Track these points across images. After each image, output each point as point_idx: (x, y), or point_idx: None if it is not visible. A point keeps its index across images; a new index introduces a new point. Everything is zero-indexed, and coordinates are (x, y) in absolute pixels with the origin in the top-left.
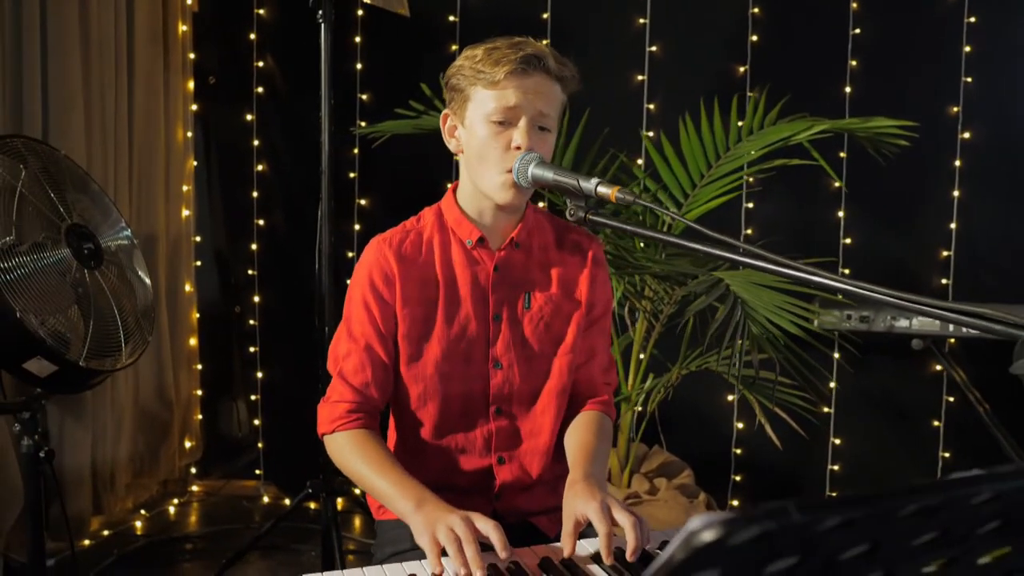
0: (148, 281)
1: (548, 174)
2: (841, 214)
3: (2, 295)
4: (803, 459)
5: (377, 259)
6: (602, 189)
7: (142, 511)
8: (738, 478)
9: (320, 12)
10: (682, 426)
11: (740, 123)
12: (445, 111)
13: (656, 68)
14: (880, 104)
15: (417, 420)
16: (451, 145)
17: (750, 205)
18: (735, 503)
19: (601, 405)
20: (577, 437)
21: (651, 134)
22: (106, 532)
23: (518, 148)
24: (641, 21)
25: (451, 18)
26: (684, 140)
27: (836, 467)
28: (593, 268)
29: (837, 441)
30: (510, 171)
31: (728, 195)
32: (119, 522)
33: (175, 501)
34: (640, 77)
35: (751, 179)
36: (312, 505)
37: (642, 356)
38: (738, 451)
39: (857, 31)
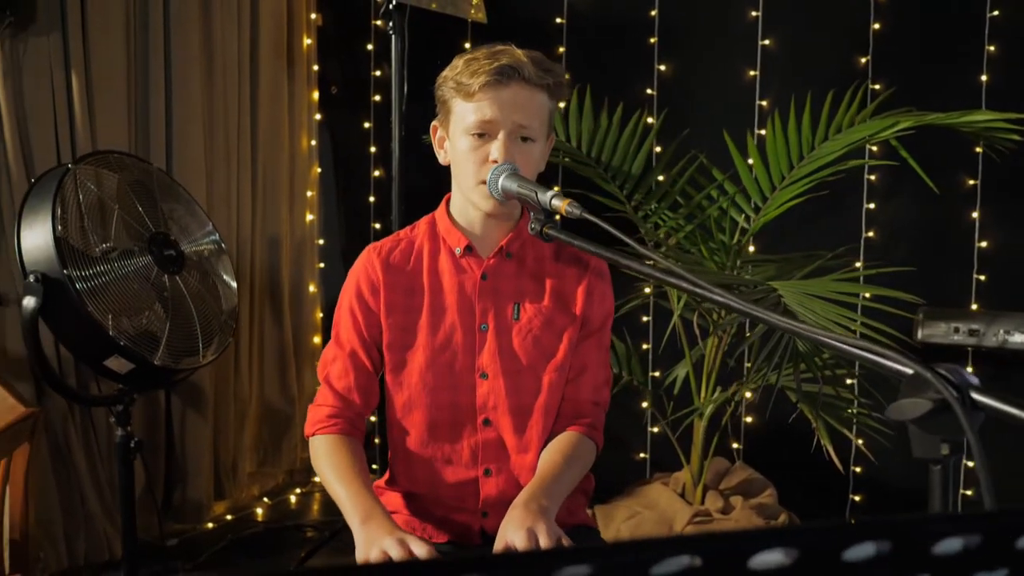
0: (234, 285)
1: (513, 186)
2: (976, 215)
3: (82, 299)
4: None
5: (364, 267)
6: (555, 202)
7: (265, 499)
8: (857, 498)
9: (390, 23)
10: (794, 441)
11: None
12: (434, 123)
13: (769, 63)
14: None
15: (404, 428)
16: (440, 157)
17: (871, 206)
18: None
19: (584, 427)
20: (544, 458)
21: (763, 132)
22: (229, 517)
23: (495, 161)
24: (753, 14)
25: (558, 20)
26: (770, 140)
27: (969, 492)
28: (591, 280)
29: (970, 464)
30: (484, 182)
31: (799, 198)
32: (242, 508)
33: (297, 490)
34: (752, 72)
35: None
36: None
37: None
38: (857, 469)
39: (995, 13)
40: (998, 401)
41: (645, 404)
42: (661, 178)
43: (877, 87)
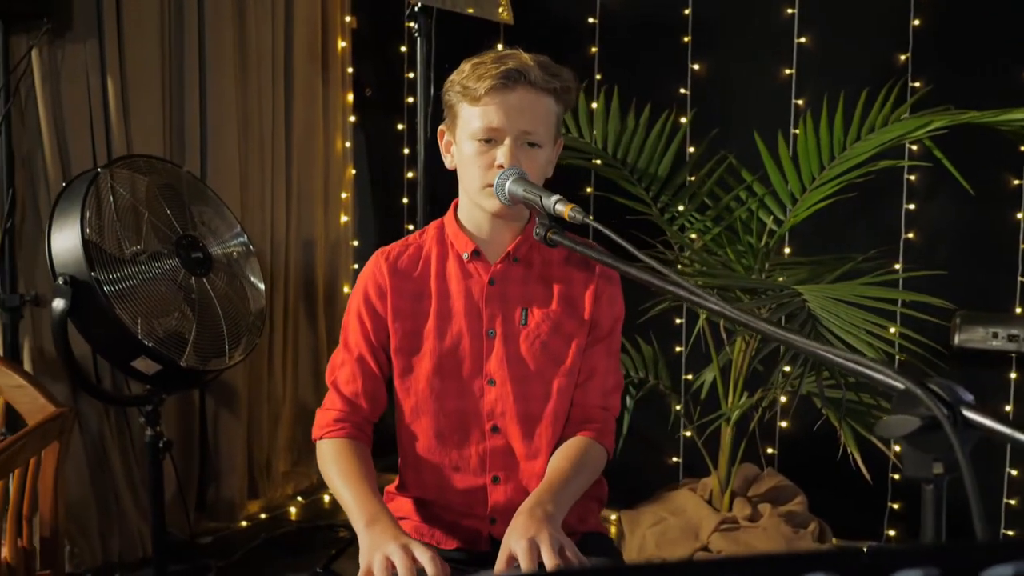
0: (262, 286)
1: (519, 190)
2: (1020, 216)
3: (110, 301)
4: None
5: (372, 272)
6: (559, 207)
7: (299, 498)
8: (896, 506)
9: (416, 25)
10: (830, 447)
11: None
12: (441, 127)
13: (805, 61)
14: None
15: (412, 434)
16: (447, 161)
17: (911, 206)
18: (891, 533)
19: (593, 432)
20: (551, 464)
21: (800, 133)
22: (263, 515)
23: (500, 166)
24: (789, 11)
25: (590, 20)
26: (801, 140)
27: (1012, 501)
28: (600, 284)
29: (1014, 472)
30: (490, 186)
31: (827, 200)
32: (276, 507)
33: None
34: (788, 71)
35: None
36: None
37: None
38: (896, 476)
39: None
40: (991, 420)
41: (678, 407)
42: (693, 178)
43: (917, 85)
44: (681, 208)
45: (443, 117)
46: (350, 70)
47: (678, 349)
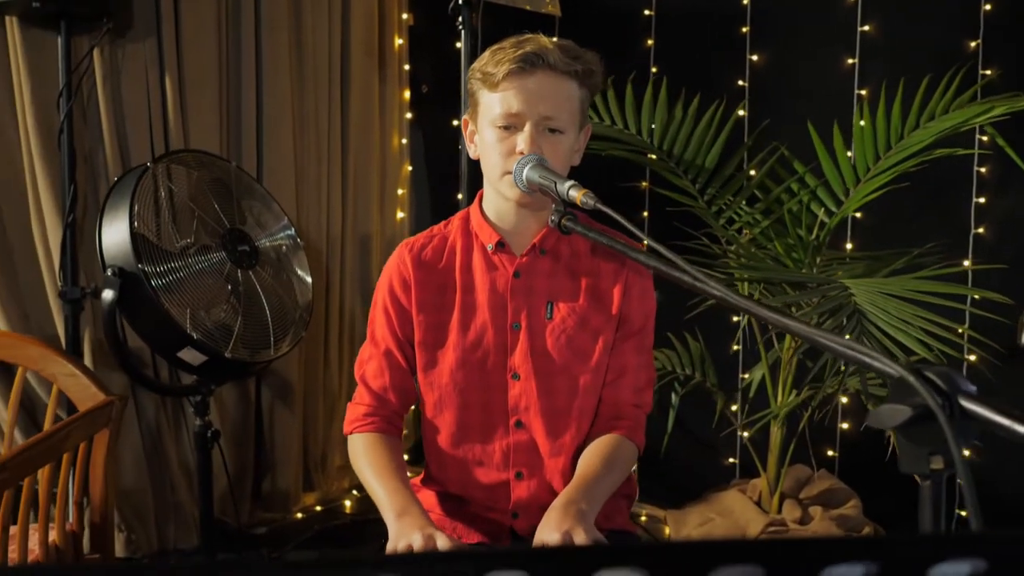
0: (309, 280)
1: (535, 176)
2: None
3: (156, 292)
4: None
5: (397, 264)
6: (573, 192)
7: (354, 491)
8: (964, 513)
9: (459, 19)
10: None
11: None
12: (464, 116)
13: (868, 50)
14: None
15: (435, 428)
16: (471, 151)
17: (981, 200)
18: None
19: (625, 429)
20: (583, 461)
21: (863, 123)
22: (318, 508)
23: (521, 153)
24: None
25: (646, 12)
26: (856, 130)
27: None
28: (630, 278)
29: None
30: (510, 173)
31: (879, 191)
32: (332, 499)
33: None
34: (851, 61)
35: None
36: None
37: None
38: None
39: None
40: (991, 411)
41: (735, 407)
42: (753, 173)
43: (988, 72)
44: (729, 199)
45: None
46: (407, 67)
47: (735, 348)
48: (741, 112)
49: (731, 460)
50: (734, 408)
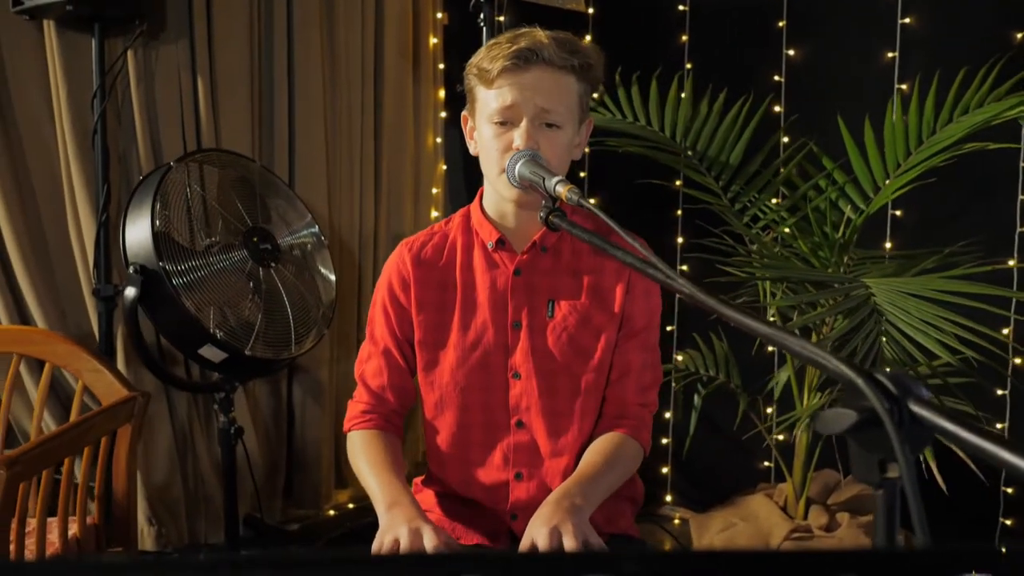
0: (332, 278)
1: (527, 172)
2: None
3: (176, 290)
4: None
5: (396, 264)
6: (559, 188)
7: None
8: (1009, 522)
9: (481, 16)
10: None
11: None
12: (464, 113)
13: (909, 43)
14: None
15: (436, 428)
16: (470, 148)
17: None
18: (1001, 551)
19: (629, 428)
20: (584, 458)
21: (894, 118)
22: (351, 505)
23: (517, 148)
24: None
25: (680, 7)
26: (888, 124)
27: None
28: (633, 277)
29: (1009, 490)
30: (505, 170)
31: (906, 188)
32: (364, 497)
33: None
34: (891, 54)
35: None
36: None
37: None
38: (1009, 490)
39: None
40: (943, 418)
41: (770, 410)
42: (783, 169)
43: None
44: (755, 196)
45: None
46: (441, 66)
47: (770, 349)
48: (777, 108)
49: (766, 464)
50: (769, 411)
